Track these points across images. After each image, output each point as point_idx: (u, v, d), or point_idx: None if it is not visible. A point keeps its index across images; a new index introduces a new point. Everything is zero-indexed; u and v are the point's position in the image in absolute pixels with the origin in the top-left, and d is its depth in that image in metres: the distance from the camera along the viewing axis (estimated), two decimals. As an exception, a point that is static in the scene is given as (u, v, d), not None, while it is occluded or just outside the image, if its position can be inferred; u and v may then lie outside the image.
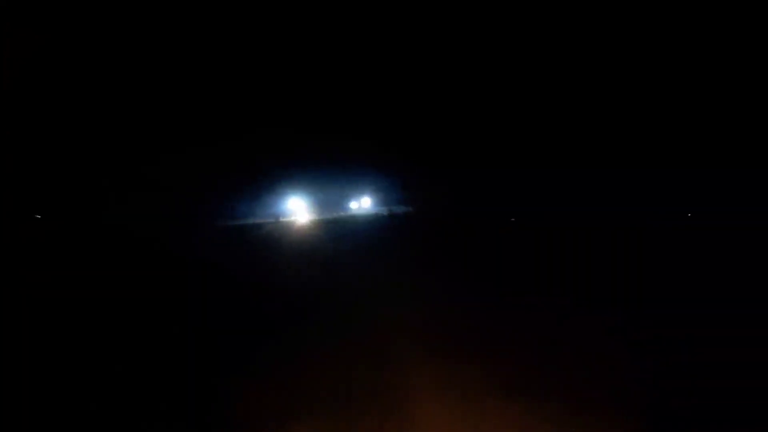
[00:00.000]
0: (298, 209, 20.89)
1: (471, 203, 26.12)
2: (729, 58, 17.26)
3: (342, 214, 22.34)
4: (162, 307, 12.53)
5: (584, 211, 20.18)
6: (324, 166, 21.62)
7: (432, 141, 25.19)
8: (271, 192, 20.09)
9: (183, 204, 19.27)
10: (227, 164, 19.56)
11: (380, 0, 20.31)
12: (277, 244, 21.13)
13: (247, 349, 9.08)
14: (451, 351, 8.08)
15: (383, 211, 23.08)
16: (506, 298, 11.77)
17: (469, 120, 25.08)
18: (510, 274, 14.64)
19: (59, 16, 18.66)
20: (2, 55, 17.79)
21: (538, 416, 5.76)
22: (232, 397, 6.86)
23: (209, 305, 12.93)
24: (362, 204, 22.63)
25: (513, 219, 24.16)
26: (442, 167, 25.40)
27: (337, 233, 23.22)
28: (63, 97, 18.79)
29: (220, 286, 14.58)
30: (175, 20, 18.90)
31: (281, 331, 10.25)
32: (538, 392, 6.37)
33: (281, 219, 20.25)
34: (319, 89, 21.93)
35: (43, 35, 18.50)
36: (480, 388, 6.60)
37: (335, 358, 8.24)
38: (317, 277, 15.67)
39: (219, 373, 7.88)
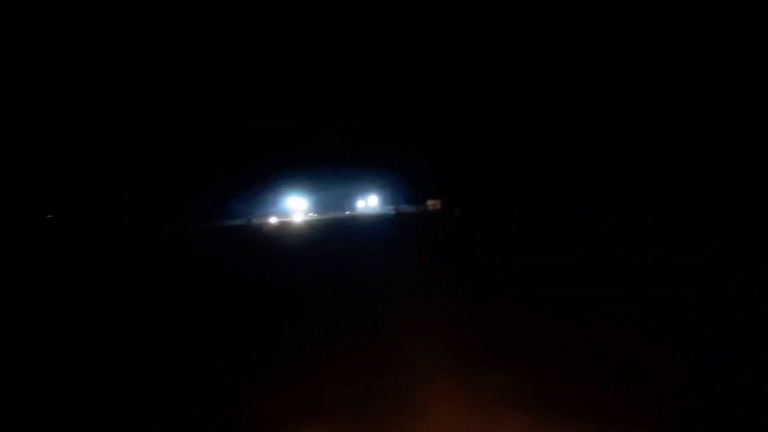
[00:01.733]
0: (300, 208, 20.06)
1: (488, 200, 24.67)
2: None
3: (348, 213, 21.32)
4: (168, 309, 12.68)
5: (610, 209, 18.70)
6: (327, 161, 20.73)
7: (445, 134, 23.81)
8: (271, 190, 19.35)
9: (184, 204, 18.91)
10: (225, 161, 18.99)
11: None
12: (281, 245, 20.50)
13: (256, 352, 9.31)
14: (464, 357, 8.25)
15: (391, 209, 21.92)
16: (522, 301, 12.02)
17: (486, 113, 23.59)
18: (528, 277, 14.46)
19: (59, 16, 18.78)
20: (2, 55, 18.02)
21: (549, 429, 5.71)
22: (239, 399, 7.05)
23: (216, 307, 13.12)
24: (369, 202, 21.51)
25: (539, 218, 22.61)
26: (456, 163, 24.04)
27: (344, 233, 22.37)
28: (63, 98, 18.91)
29: (225, 288, 14.41)
30: (170, 17, 18.69)
31: (290, 334, 10.40)
32: (552, 404, 6.37)
33: (283, 218, 19.44)
34: (321, 77, 21.06)
35: (43, 35, 18.64)
36: (493, 397, 6.74)
37: (344, 362, 8.45)
38: (324, 279, 15.30)
39: (227, 375, 8.12)
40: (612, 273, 13.88)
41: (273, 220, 18.65)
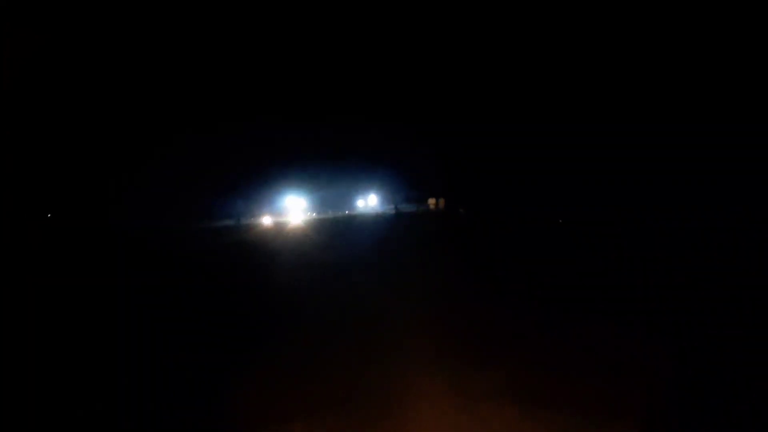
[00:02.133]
0: (298, 207, 19.82)
1: (493, 200, 24.13)
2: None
3: (347, 212, 21.07)
4: (165, 309, 12.62)
5: (605, 209, 18.37)
6: (327, 159, 20.48)
7: (448, 132, 23.33)
8: (269, 189, 19.12)
9: (179, 204, 18.75)
10: (221, 160, 18.79)
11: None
12: (277, 246, 20.32)
13: (251, 352, 9.22)
14: (457, 355, 8.14)
15: (391, 209, 21.60)
16: (518, 299, 11.87)
17: (492, 112, 23.14)
18: (523, 275, 14.28)
19: (59, 16, 18.82)
20: (2, 55, 18.11)
21: (541, 424, 5.68)
22: (234, 398, 6.98)
23: (212, 308, 13.05)
24: (369, 202, 21.21)
25: (558, 220, 22.19)
26: (460, 161, 23.55)
27: (342, 233, 22.06)
28: (61, 99, 18.94)
29: (222, 289, 14.32)
30: (168, 18, 18.62)
31: (284, 334, 10.29)
32: (544, 399, 6.18)
33: (278, 218, 19.16)
34: (320, 74, 20.68)
35: (43, 35, 18.70)
36: (485, 393, 6.43)
37: (337, 360, 8.36)
38: (321, 280, 15.14)
39: (222, 375, 8.06)
40: (610, 273, 13.61)
41: (267, 220, 18.20)
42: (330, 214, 20.19)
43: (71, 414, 7.29)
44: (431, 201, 23.51)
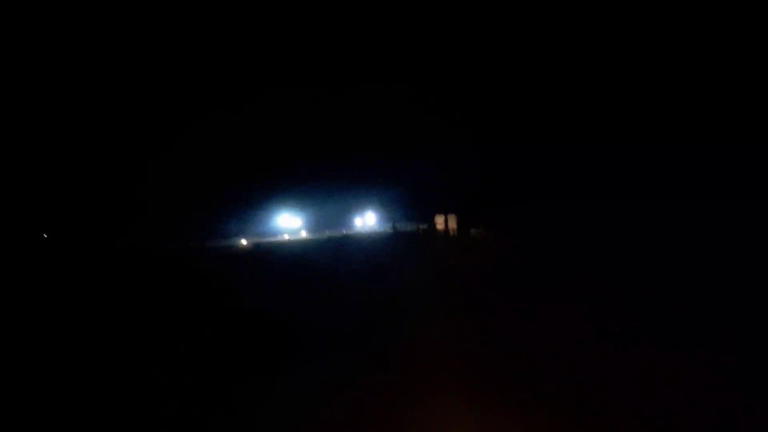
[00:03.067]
0: (292, 227, 19.12)
1: (509, 218, 22.24)
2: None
3: (345, 231, 20.20)
4: (168, 330, 12.33)
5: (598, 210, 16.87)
6: (322, 175, 19.72)
7: (447, 142, 21.95)
8: (260, 208, 18.51)
9: (177, 224, 18.44)
10: (218, 178, 18.33)
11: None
12: (278, 266, 19.65)
13: (251, 375, 8.75)
14: (461, 384, 7.19)
15: (390, 228, 20.54)
16: (526, 321, 10.86)
17: (488, 119, 21.79)
18: (529, 292, 13.18)
19: (59, 17, 19.18)
20: (2, 55, 18.42)
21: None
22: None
23: (215, 329, 12.62)
24: (367, 220, 20.26)
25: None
26: (459, 174, 21.99)
27: (341, 253, 21.04)
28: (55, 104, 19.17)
29: (222, 310, 13.88)
30: (165, 29, 18.71)
31: (284, 358, 9.67)
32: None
33: (258, 240, 18.35)
34: (314, 82, 19.99)
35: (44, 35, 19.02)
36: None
37: (337, 390, 7.76)
38: (319, 300, 14.41)
39: (224, 402, 7.68)
40: (637, 299, 12.41)
41: (248, 241, 17.35)
42: (325, 234, 19.33)
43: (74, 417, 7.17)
44: (439, 219, 21.91)
